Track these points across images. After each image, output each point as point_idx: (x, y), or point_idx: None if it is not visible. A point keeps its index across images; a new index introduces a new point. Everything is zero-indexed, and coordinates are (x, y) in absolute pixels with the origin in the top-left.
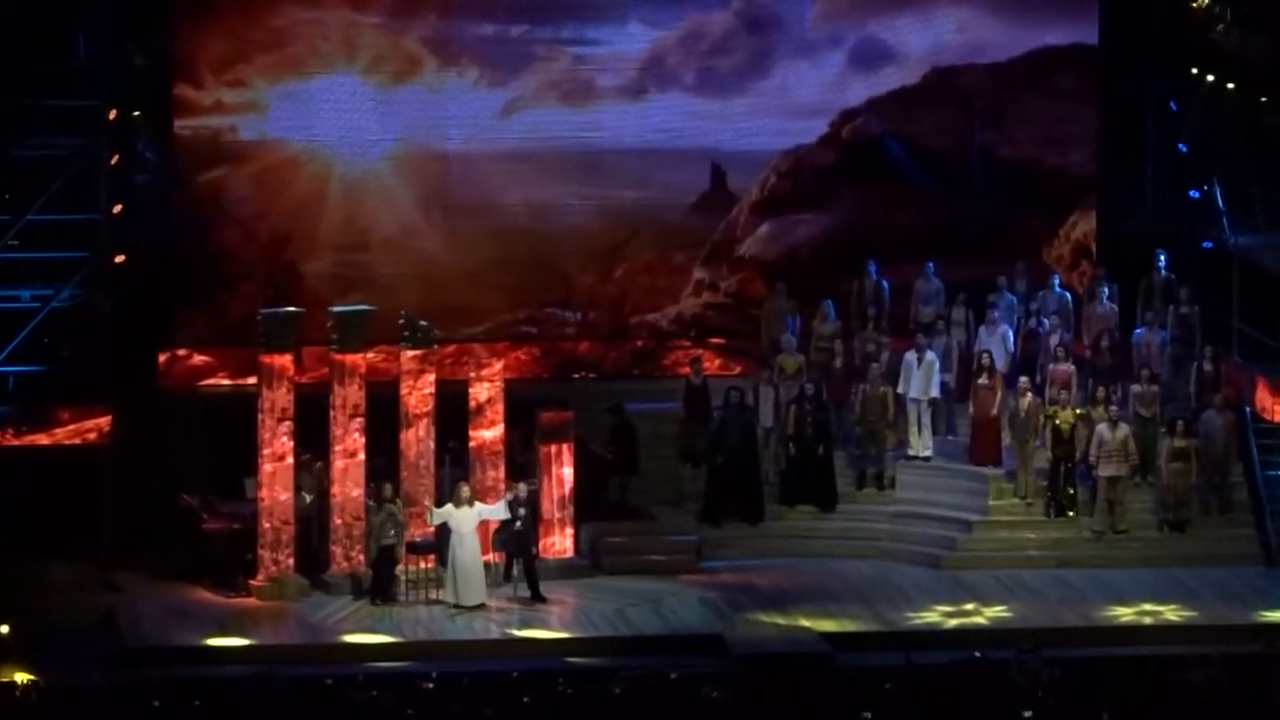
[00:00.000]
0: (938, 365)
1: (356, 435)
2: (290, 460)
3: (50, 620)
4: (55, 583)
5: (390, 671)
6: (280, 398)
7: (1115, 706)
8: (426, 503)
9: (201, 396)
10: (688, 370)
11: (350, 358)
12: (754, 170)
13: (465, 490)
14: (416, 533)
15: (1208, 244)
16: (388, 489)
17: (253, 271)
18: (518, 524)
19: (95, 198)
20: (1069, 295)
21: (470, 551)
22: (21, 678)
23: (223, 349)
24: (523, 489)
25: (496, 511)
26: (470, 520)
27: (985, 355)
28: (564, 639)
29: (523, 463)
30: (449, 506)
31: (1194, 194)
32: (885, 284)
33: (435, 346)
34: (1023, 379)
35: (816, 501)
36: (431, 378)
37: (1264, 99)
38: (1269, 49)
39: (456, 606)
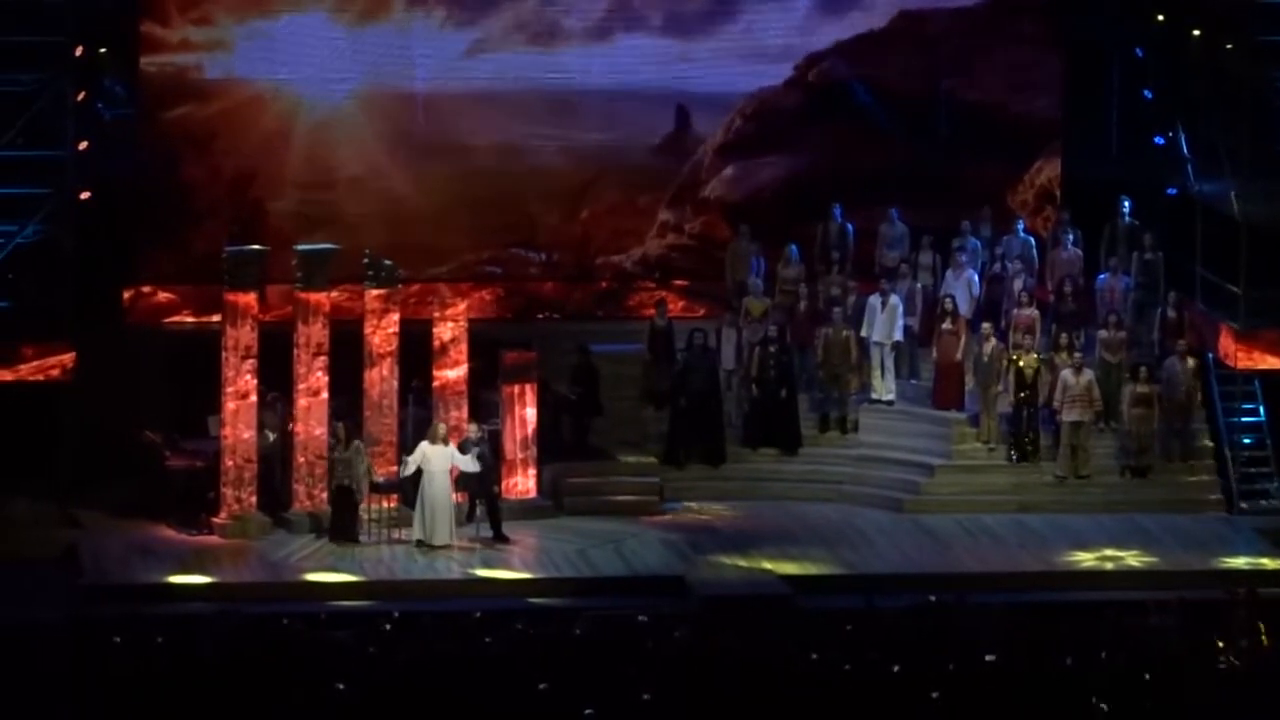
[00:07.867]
0: (901, 309)
1: (320, 374)
2: (253, 398)
3: (11, 556)
4: (17, 519)
5: (351, 610)
6: (244, 335)
7: (1076, 651)
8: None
9: (165, 334)
10: (652, 312)
11: (314, 296)
12: (719, 113)
13: (441, 429)
14: (381, 472)
15: (1172, 190)
16: (341, 429)
17: (218, 209)
18: (477, 465)
19: (60, 134)
20: (1033, 240)
21: (441, 490)
22: None
23: (187, 286)
24: (473, 430)
25: (466, 464)
26: (444, 459)
27: (949, 300)
28: (525, 579)
29: (485, 402)
30: (423, 445)
31: (1159, 140)
32: (850, 228)
33: (399, 286)
34: (986, 324)
35: (779, 444)
36: (395, 317)
37: (1229, 46)
38: None
39: (421, 544)
